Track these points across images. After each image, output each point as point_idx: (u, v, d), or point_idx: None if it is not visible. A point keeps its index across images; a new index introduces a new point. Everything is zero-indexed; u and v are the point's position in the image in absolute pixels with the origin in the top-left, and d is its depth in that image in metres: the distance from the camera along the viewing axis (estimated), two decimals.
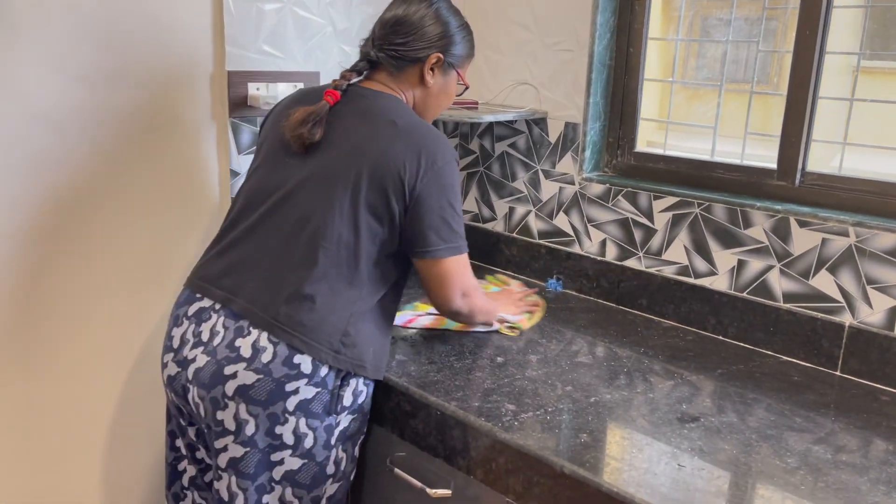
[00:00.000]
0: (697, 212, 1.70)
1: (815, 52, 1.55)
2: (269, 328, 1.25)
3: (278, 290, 1.27)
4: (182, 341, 1.31)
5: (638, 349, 1.61)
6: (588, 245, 1.92)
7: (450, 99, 1.49)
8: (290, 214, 1.30)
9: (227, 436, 1.25)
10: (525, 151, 2.03)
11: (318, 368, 1.26)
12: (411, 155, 1.29)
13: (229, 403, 1.23)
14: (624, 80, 1.87)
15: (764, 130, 1.73)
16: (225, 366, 1.23)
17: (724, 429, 1.27)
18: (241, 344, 1.24)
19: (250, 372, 1.23)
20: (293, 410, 1.25)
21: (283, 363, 1.23)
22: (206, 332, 1.28)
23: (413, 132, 1.32)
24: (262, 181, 1.35)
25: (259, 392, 1.23)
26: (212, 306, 1.30)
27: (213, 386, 1.24)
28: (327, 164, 1.30)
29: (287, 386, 1.24)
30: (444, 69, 1.43)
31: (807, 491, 1.10)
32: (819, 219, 1.51)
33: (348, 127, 1.32)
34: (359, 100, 1.36)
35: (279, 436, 1.25)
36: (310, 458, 1.28)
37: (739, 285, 1.66)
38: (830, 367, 1.53)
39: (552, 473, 1.15)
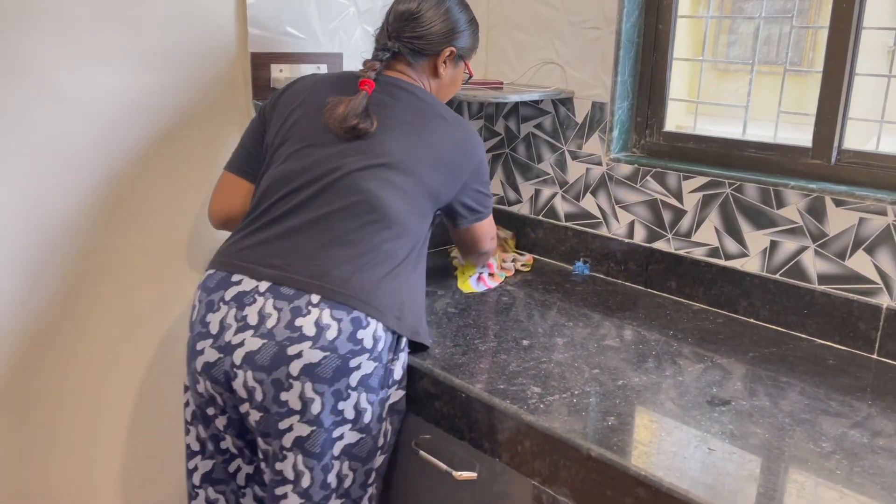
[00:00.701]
0: (728, 192, 1.66)
1: (853, 24, 1.50)
2: (334, 301, 1.25)
3: (340, 265, 1.28)
4: (222, 326, 1.27)
5: (667, 332, 1.57)
6: (616, 227, 1.89)
7: (457, 88, 1.58)
8: (347, 196, 1.31)
9: (292, 416, 1.24)
10: (551, 132, 1.99)
11: (377, 342, 1.28)
12: (462, 147, 1.43)
13: (294, 383, 1.23)
14: (653, 58, 1.83)
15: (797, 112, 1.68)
16: (288, 346, 1.22)
17: (756, 413, 1.24)
18: (303, 323, 1.23)
19: (316, 350, 1.23)
20: (355, 386, 1.26)
21: (348, 339, 1.24)
22: (254, 315, 1.26)
23: (460, 126, 1.44)
24: (309, 163, 1.34)
25: (325, 370, 1.23)
26: (255, 289, 1.28)
27: (276, 367, 1.23)
28: (384, 151, 1.34)
29: (351, 362, 1.25)
30: (455, 61, 1.50)
31: (842, 476, 1.07)
32: (856, 197, 1.46)
33: (400, 118, 1.38)
34: (395, 90, 1.41)
35: (341, 411, 1.26)
36: (367, 431, 1.31)
37: (772, 267, 1.61)
38: (867, 351, 1.49)
39: (579, 456, 1.13)
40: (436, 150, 1.39)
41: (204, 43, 1.59)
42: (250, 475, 1.41)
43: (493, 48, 2.10)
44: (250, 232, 1.36)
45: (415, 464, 1.47)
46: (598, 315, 1.66)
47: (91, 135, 1.49)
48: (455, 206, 1.48)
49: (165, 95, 1.57)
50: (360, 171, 1.32)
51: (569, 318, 1.64)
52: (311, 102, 1.40)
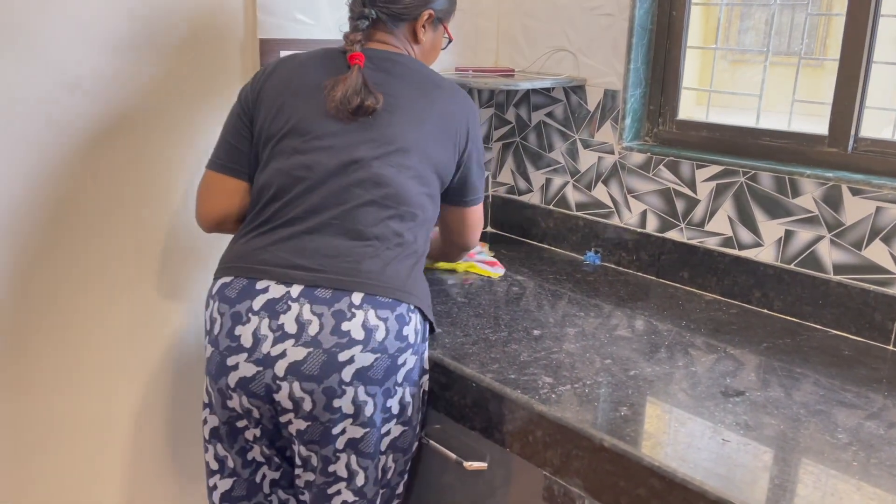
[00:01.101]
0: (742, 181, 1.64)
1: (870, 11, 1.47)
2: (377, 296, 1.22)
3: (369, 259, 1.25)
4: (256, 338, 1.20)
5: (679, 322, 1.56)
6: (628, 216, 1.87)
7: (437, 53, 1.51)
8: (370, 189, 1.27)
9: (345, 420, 1.22)
10: (562, 120, 1.97)
11: (417, 336, 1.27)
12: (462, 116, 1.38)
13: (347, 389, 1.19)
14: (666, 45, 1.80)
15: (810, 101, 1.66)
16: (338, 353, 1.18)
17: (770, 404, 1.23)
18: (350, 327, 1.19)
19: (368, 353, 1.20)
20: (401, 382, 1.26)
21: (396, 338, 1.23)
22: (291, 323, 1.19)
23: (456, 94, 1.40)
24: (320, 157, 1.28)
25: (377, 371, 1.21)
26: (286, 295, 1.21)
27: (327, 375, 1.18)
28: (394, 134, 1.30)
29: (399, 359, 1.24)
30: (434, 24, 1.44)
31: (859, 468, 1.05)
32: (873, 186, 1.44)
33: (399, 94, 1.33)
34: (385, 63, 1.35)
35: (389, 408, 1.26)
36: (408, 424, 1.31)
37: (787, 257, 1.59)
38: (883, 342, 1.47)
39: (591, 447, 1.12)
40: (439, 123, 1.35)
41: (213, 29, 1.57)
42: (275, 480, 1.37)
43: (504, 35, 2.08)
44: (264, 232, 1.28)
45: (425, 454, 1.46)
46: (609, 305, 1.64)
47: (93, 118, 1.48)
48: (458, 182, 1.43)
49: (173, 81, 1.56)
50: (377, 161, 1.28)
51: (580, 308, 1.62)
52: (304, 87, 1.32)
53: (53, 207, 1.47)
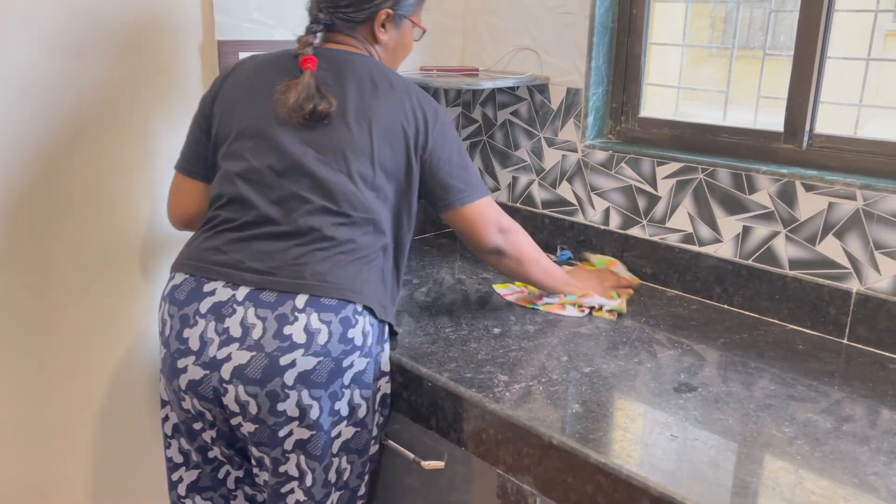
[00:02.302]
0: (701, 177, 1.65)
1: (823, 7, 1.48)
2: (321, 297, 1.21)
3: (318, 262, 1.24)
4: (203, 342, 1.21)
5: (640, 319, 1.57)
6: (591, 214, 1.88)
7: (407, 49, 1.46)
8: (315, 195, 1.26)
9: (291, 422, 1.22)
10: (527, 119, 1.98)
11: (367, 338, 1.26)
12: (417, 113, 1.34)
13: (290, 392, 1.19)
14: (627, 43, 1.81)
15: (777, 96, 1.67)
16: (280, 357, 1.18)
17: (723, 398, 1.24)
18: (292, 331, 1.19)
19: (310, 356, 1.19)
20: (349, 384, 1.25)
21: (340, 340, 1.22)
22: (236, 327, 1.20)
23: (411, 92, 1.35)
24: (270, 161, 1.28)
25: (320, 375, 1.21)
26: (232, 298, 1.22)
27: (270, 379, 1.18)
28: (342, 140, 1.28)
29: (344, 362, 1.23)
30: (396, 22, 1.39)
31: (802, 460, 1.07)
32: (825, 182, 1.45)
33: (348, 97, 1.30)
34: (338, 64, 1.33)
35: (338, 411, 1.25)
36: (362, 425, 1.30)
37: (745, 252, 1.61)
38: (837, 335, 1.48)
39: (541, 444, 1.13)
40: (390, 125, 1.31)
41: (170, 31, 1.57)
42: (240, 478, 1.38)
43: (469, 34, 2.08)
44: (218, 233, 1.30)
45: (383, 453, 1.47)
46: None
47: (43, 122, 1.47)
48: (431, 184, 1.38)
49: (130, 84, 1.55)
50: (325, 167, 1.27)
51: None
52: (257, 91, 1.32)
53: (9, 212, 1.47)
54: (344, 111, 1.29)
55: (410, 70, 1.98)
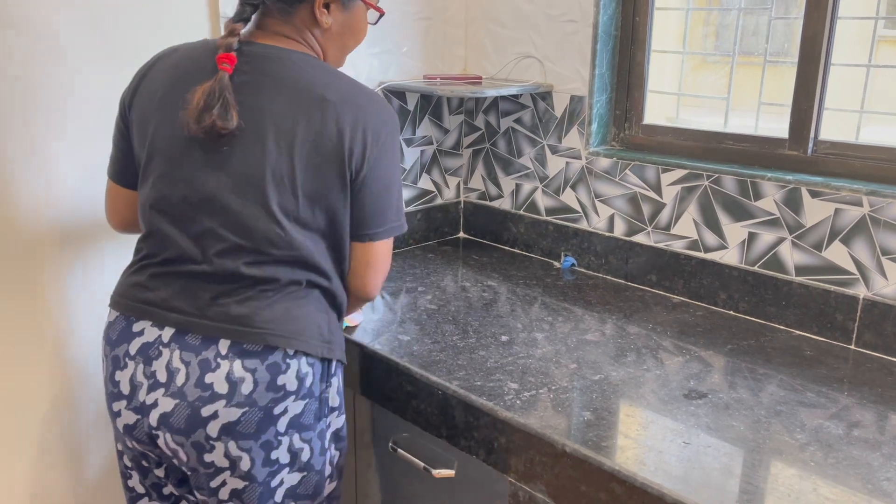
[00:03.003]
0: (706, 184, 1.66)
1: (827, 14, 1.49)
2: (245, 343, 1.10)
3: (243, 303, 1.12)
4: (133, 385, 1.13)
5: (647, 326, 1.57)
6: (596, 221, 1.88)
7: (358, 36, 1.24)
8: (226, 225, 1.11)
9: (223, 472, 1.13)
10: (531, 126, 1.99)
11: (304, 381, 1.14)
12: (351, 133, 1.11)
13: (216, 444, 1.10)
14: (630, 50, 1.82)
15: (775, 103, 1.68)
16: (201, 407, 1.09)
17: (733, 405, 1.24)
18: (213, 379, 1.09)
19: (233, 408, 1.09)
20: (285, 431, 1.14)
21: (268, 388, 1.10)
22: (162, 371, 1.11)
23: (349, 104, 1.12)
24: (181, 190, 1.12)
25: (247, 426, 1.10)
26: (158, 339, 1.13)
27: (193, 430, 1.10)
28: (253, 158, 1.09)
29: (275, 409, 1.12)
30: (344, 2, 1.18)
31: (816, 467, 1.07)
32: (831, 188, 1.46)
33: (266, 105, 1.09)
34: (265, 63, 1.12)
35: (275, 460, 1.14)
36: (309, 469, 1.19)
37: (750, 259, 1.61)
38: (844, 341, 1.49)
39: (553, 452, 1.13)
40: (317, 145, 1.09)
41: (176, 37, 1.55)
42: None
43: (471, 42, 2.09)
44: (144, 266, 1.18)
45: (392, 462, 1.47)
46: (578, 309, 1.66)
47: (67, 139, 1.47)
48: (355, 211, 1.16)
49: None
50: (237, 198, 1.10)
51: (549, 312, 1.63)
52: (171, 97, 1.13)
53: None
54: (261, 129, 1.09)
55: (413, 78, 1.99)
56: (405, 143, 2.03)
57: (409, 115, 2.02)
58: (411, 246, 2.09)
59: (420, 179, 2.09)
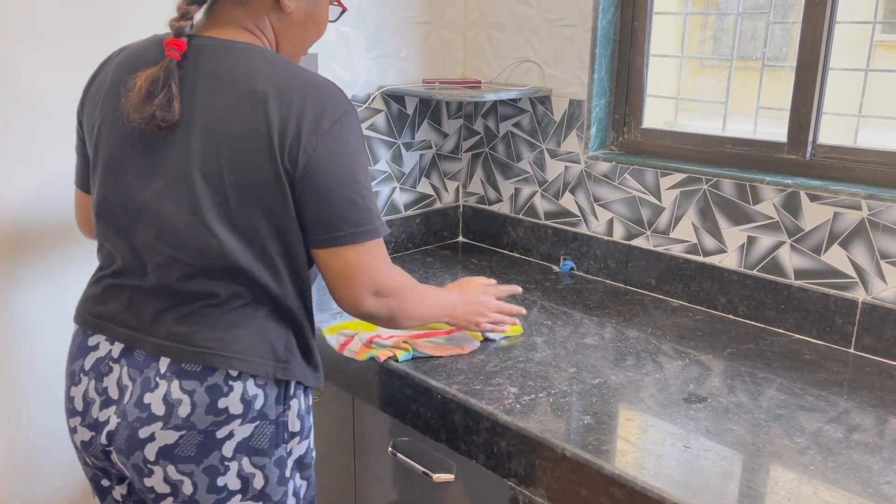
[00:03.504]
0: (705, 188, 1.66)
1: (826, 19, 1.50)
2: (185, 363, 1.03)
3: (183, 319, 1.05)
4: (86, 402, 1.10)
5: (646, 329, 1.57)
6: (595, 225, 1.88)
7: (320, 28, 1.15)
8: (161, 236, 1.03)
9: (166, 498, 1.06)
10: (530, 131, 1.99)
11: (252, 403, 1.05)
12: (281, 124, 0.99)
13: (154, 468, 1.04)
14: (629, 54, 1.82)
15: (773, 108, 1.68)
16: (139, 428, 1.03)
17: (733, 409, 1.24)
18: (151, 400, 1.03)
19: (170, 430, 1.02)
20: (232, 456, 1.05)
21: (207, 412, 1.03)
22: (113, 387, 1.08)
23: (283, 93, 1.00)
24: (122, 195, 1.06)
25: (185, 449, 1.03)
26: (108, 354, 1.09)
27: (132, 452, 1.04)
28: (182, 157, 1.01)
29: (218, 433, 1.04)
30: None
31: (817, 471, 1.07)
32: (830, 192, 1.46)
33: (201, 101, 1.01)
34: (211, 56, 1.03)
35: (223, 487, 1.06)
36: (265, 499, 1.09)
37: (749, 262, 1.61)
38: (844, 345, 1.49)
39: (553, 456, 1.13)
40: (247, 142, 0.99)
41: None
42: None
43: (470, 47, 2.09)
44: (99, 279, 1.13)
45: (392, 467, 1.46)
46: (577, 313, 1.66)
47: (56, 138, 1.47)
48: (306, 214, 1.04)
49: None
50: (169, 203, 1.02)
51: (548, 316, 1.63)
52: (113, 94, 1.06)
53: None
54: (192, 129, 1.01)
55: (412, 83, 1.99)
56: (404, 146, 2.03)
57: (408, 119, 2.02)
58: (410, 250, 2.09)
59: (419, 183, 2.09)
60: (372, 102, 1.93)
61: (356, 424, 1.55)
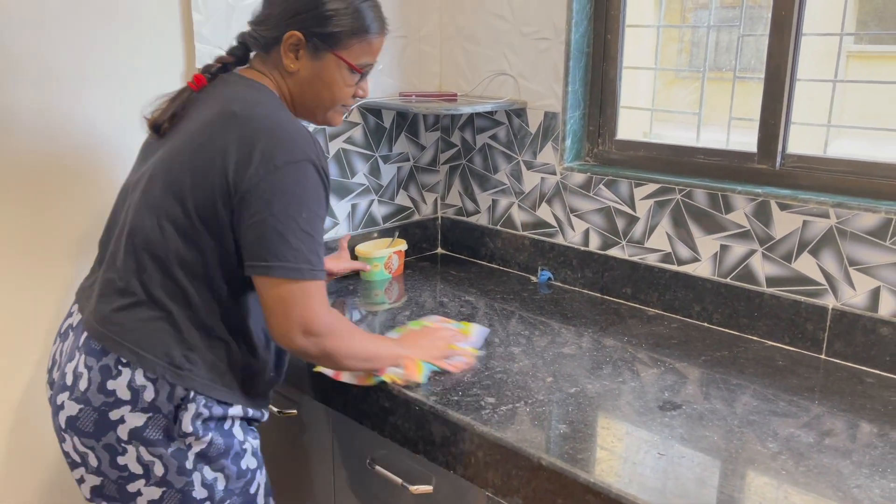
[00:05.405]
0: (678, 198, 1.69)
1: (792, 32, 1.53)
2: (94, 339, 1.13)
3: (109, 299, 1.15)
4: (53, 361, 1.26)
5: (622, 338, 1.59)
6: (571, 235, 1.90)
7: (332, 89, 1.23)
8: (126, 213, 1.19)
9: (79, 467, 1.16)
10: (506, 143, 2.01)
11: (140, 393, 1.10)
12: (241, 148, 1.09)
13: (65, 436, 1.15)
14: (602, 67, 1.85)
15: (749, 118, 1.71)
16: (56, 395, 1.16)
17: (708, 416, 1.26)
18: (68, 370, 1.15)
19: (73, 402, 1.13)
20: (128, 440, 1.11)
21: (98, 390, 1.11)
22: (58, 353, 1.23)
23: (251, 122, 1.11)
24: (131, 177, 1.26)
25: (85, 423, 1.11)
26: (70, 323, 1.23)
27: (53, 418, 1.17)
28: (158, 161, 1.17)
29: (110, 415, 1.11)
30: (312, 51, 1.20)
31: (788, 476, 1.08)
32: (799, 201, 1.49)
33: (192, 117, 1.18)
34: (222, 86, 1.21)
35: (125, 466, 1.12)
36: (167, 485, 1.14)
37: (722, 271, 1.64)
38: (815, 351, 1.51)
39: (529, 466, 1.14)
40: (205, 151, 1.11)
41: (151, 60, 1.57)
42: None
43: (446, 60, 2.11)
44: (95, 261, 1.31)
45: (370, 479, 1.46)
46: (555, 323, 1.67)
47: (27, 155, 1.47)
48: (242, 236, 1.12)
49: (112, 114, 1.55)
50: (136, 188, 1.18)
51: (526, 326, 1.64)
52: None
53: None
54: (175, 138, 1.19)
55: (389, 97, 2.00)
56: (381, 159, 2.04)
57: (385, 132, 2.03)
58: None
59: (397, 196, 2.10)
60: (349, 116, 1.94)
61: (335, 437, 1.55)
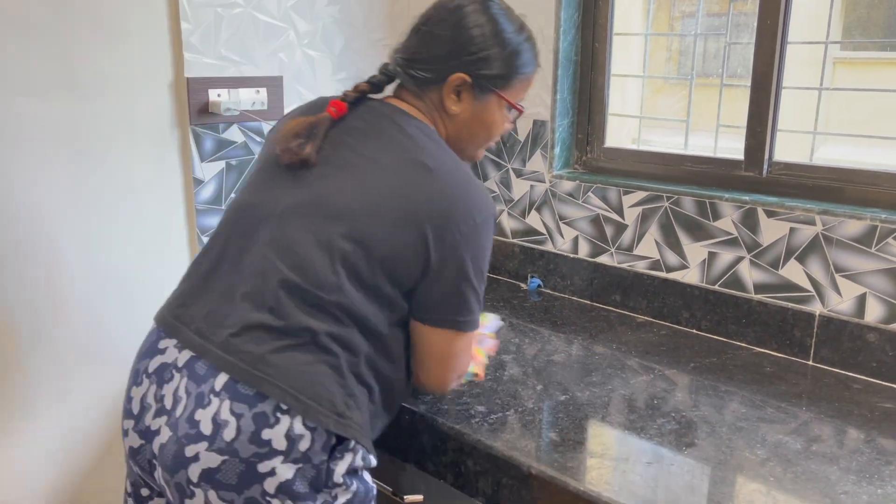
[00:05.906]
0: (667, 205, 1.69)
1: (777, 40, 1.55)
2: (242, 384, 1.00)
3: (259, 340, 1.02)
4: (143, 406, 1.07)
5: (612, 345, 1.59)
6: (561, 242, 1.91)
7: (490, 129, 1.21)
8: (273, 243, 1.05)
9: None
10: (495, 151, 2.01)
11: (296, 442, 1.00)
12: (442, 210, 1.06)
13: (196, 490, 1.00)
14: (591, 75, 1.86)
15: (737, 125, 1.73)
16: (186, 445, 1.00)
17: (696, 422, 1.26)
18: (201, 417, 1.00)
19: (213, 453, 0.98)
20: (274, 493, 1.00)
21: (251, 440, 0.98)
22: (169, 396, 1.04)
23: (447, 178, 1.08)
24: (249, 197, 1.13)
25: (227, 476, 0.99)
26: (174, 362, 1.06)
27: (177, 470, 1.00)
28: (325, 192, 1.07)
29: (259, 467, 0.99)
30: (476, 93, 1.16)
31: (775, 482, 1.09)
32: (785, 208, 1.50)
33: (361, 151, 1.10)
34: (378, 119, 1.14)
35: None
36: None
37: (711, 278, 1.65)
38: (803, 357, 1.52)
39: (520, 474, 1.14)
40: (398, 204, 1.05)
41: (139, 69, 1.57)
42: None
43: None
44: (190, 276, 1.13)
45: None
46: (545, 330, 1.67)
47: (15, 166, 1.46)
48: (421, 289, 1.09)
49: (101, 123, 1.54)
50: (292, 214, 1.06)
51: (516, 334, 1.65)
52: (278, 129, 1.20)
53: None
54: (350, 164, 1.10)
55: None
56: None
57: None
58: None
59: None
60: None
61: None
